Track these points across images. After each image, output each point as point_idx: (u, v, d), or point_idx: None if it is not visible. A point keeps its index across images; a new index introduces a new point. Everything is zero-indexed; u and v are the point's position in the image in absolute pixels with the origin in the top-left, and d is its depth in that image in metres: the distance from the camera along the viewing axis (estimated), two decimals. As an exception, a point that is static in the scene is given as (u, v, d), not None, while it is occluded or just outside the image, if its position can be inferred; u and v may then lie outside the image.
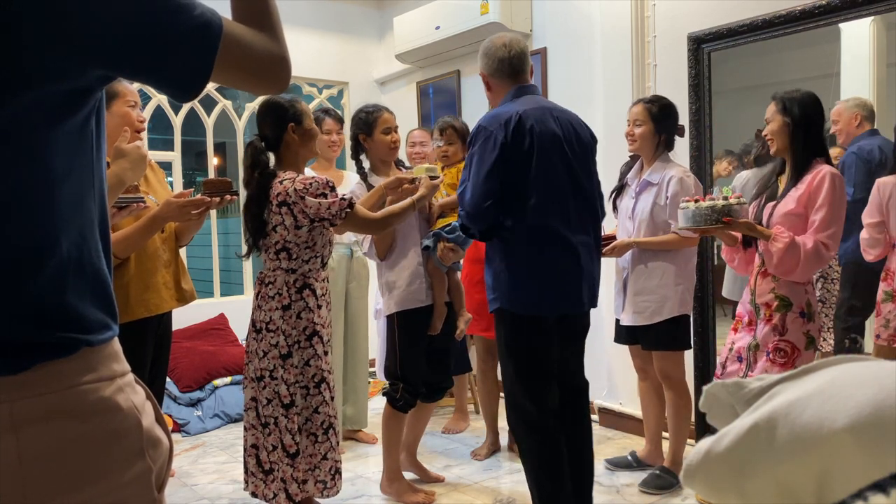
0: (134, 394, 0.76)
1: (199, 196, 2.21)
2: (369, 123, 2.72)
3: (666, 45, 3.32)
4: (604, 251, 2.69)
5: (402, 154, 3.91)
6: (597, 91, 3.63)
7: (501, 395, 3.50)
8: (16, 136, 0.65)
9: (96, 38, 0.66)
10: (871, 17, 2.79)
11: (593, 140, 2.35)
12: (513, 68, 2.27)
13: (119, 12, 0.66)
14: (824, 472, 0.46)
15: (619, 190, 2.98)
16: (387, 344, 2.79)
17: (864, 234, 2.64)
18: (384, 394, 2.80)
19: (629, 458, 3.08)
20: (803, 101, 2.31)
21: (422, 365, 2.75)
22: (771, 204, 2.39)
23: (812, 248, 2.21)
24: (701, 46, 3.17)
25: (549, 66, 3.93)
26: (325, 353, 2.29)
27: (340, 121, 3.47)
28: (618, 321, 2.98)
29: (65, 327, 0.70)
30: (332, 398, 2.31)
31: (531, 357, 2.21)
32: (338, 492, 2.34)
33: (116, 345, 0.77)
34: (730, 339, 2.48)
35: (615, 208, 2.97)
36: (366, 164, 2.83)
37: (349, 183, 3.46)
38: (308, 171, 3.24)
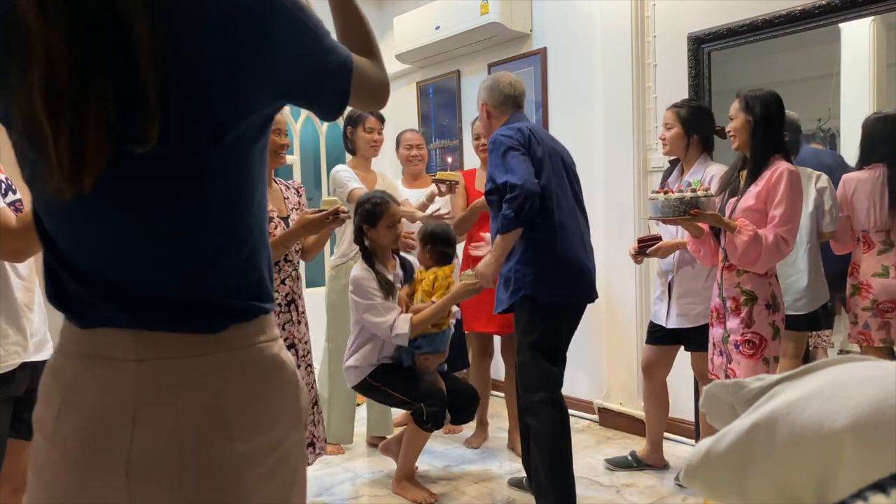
0: (288, 353, 0.95)
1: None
2: (375, 215, 2.82)
3: (666, 45, 3.32)
4: (648, 251, 2.76)
5: (393, 157, 3.90)
6: (597, 91, 3.63)
7: (493, 392, 3.51)
8: (239, 151, 0.85)
9: (288, 79, 0.87)
10: (871, 17, 2.79)
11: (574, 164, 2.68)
12: (515, 102, 2.63)
13: (301, 59, 0.88)
14: (824, 472, 0.46)
15: None
16: (384, 400, 2.90)
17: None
18: (412, 414, 2.81)
19: (629, 457, 3.08)
20: (765, 99, 2.38)
21: (421, 380, 2.81)
22: (733, 199, 2.45)
23: (773, 241, 2.29)
24: (701, 46, 3.17)
25: (549, 66, 3.93)
26: None
27: (382, 119, 3.42)
28: (652, 323, 2.97)
29: (252, 297, 0.89)
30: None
31: (551, 341, 2.44)
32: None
33: (273, 314, 0.96)
34: (711, 335, 2.55)
35: None
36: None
37: (384, 186, 3.40)
38: (343, 169, 3.30)
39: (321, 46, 0.90)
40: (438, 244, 2.94)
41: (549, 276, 2.41)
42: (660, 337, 2.91)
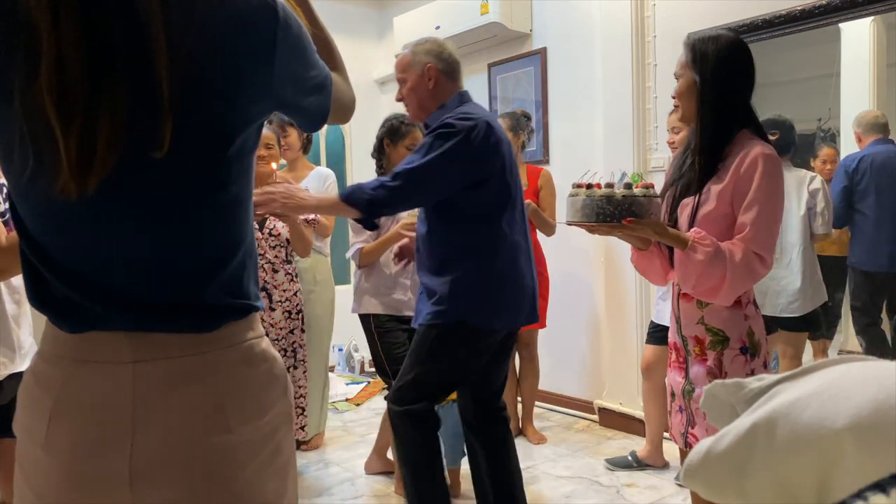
0: (274, 349, 0.97)
1: None
2: (400, 134, 2.80)
3: (666, 45, 3.31)
4: None
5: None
6: (597, 91, 3.63)
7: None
8: (241, 159, 0.88)
9: (283, 92, 0.91)
10: (871, 17, 2.80)
11: None
12: (459, 74, 2.20)
13: (296, 75, 0.92)
14: (824, 472, 0.46)
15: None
16: (370, 347, 2.88)
17: None
18: (385, 397, 2.82)
19: (629, 458, 3.08)
20: (722, 45, 1.69)
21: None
22: (688, 200, 1.75)
23: (741, 260, 1.61)
24: (701, 46, 3.16)
25: (549, 66, 3.93)
26: None
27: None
28: (653, 323, 2.97)
29: (243, 296, 0.91)
30: None
31: (460, 369, 2.11)
32: None
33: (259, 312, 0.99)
34: (669, 381, 1.88)
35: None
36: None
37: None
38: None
39: (312, 63, 0.95)
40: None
41: (495, 300, 2.05)
42: (661, 337, 2.91)
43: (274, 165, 2.77)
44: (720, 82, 1.68)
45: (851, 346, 3.49)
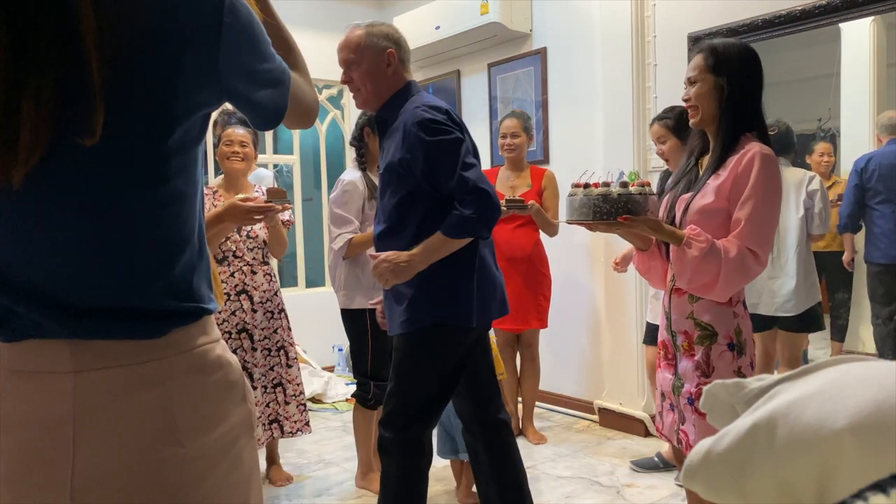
0: (232, 354, 0.92)
1: (265, 202, 2.40)
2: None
3: (666, 45, 3.32)
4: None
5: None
6: (597, 91, 3.63)
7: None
8: (185, 150, 0.83)
9: (231, 83, 0.86)
10: (871, 17, 2.80)
11: None
12: (410, 64, 2.11)
13: (245, 66, 0.87)
14: (824, 472, 0.46)
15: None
16: (354, 343, 2.83)
17: None
18: (354, 395, 2.85)
19: (655, 459, 3.06)
20: (744, 56, 1.74)
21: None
22: (687, 196, 1.81)
23: (736, 256, 1.65)
24: (701, 46, 3.17)
25: (549, 66, 3.93)
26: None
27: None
28: (649, 323, 2.97)
29: (193, 299, 0.85)
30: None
31: (445, 377, 1.97)
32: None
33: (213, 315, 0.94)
34: (658, 380, 1.93)
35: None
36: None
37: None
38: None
39: (266, 55, 0.90)
40: None
41: (464, 294, 1.90)
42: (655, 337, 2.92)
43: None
44: (744, 85, 1.73)
45: (851, 346, 3.49)
